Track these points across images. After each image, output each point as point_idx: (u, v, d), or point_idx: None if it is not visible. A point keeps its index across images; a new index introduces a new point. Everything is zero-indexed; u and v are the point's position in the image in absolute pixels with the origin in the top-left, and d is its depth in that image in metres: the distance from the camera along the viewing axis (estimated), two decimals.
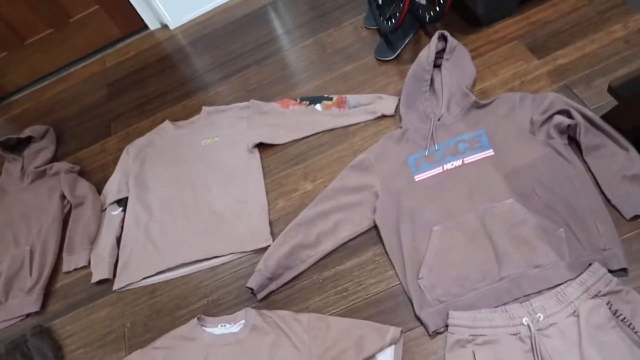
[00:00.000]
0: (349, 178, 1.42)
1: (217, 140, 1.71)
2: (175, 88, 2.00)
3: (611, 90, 1.24)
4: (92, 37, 2.31)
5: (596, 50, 1.45)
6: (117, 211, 1.65)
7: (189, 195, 1.60)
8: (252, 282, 1.30)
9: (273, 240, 1.40)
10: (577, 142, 1.28)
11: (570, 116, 1.29)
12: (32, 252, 1.61)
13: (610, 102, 1.29)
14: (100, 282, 1.51)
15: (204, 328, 1.29)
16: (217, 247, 1.45)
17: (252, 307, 1.29)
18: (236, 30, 2.12)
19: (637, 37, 1.43)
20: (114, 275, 1.52)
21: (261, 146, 1.64)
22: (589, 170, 1.24)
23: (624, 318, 1.01)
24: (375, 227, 1.34)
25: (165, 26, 2.34)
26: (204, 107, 1.80)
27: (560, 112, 1.31)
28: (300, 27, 1.99)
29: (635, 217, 1.15)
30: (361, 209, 1.37)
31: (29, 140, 1.97)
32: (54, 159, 1.94)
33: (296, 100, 1.70)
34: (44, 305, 1.53)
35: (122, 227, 1.61)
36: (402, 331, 1.15)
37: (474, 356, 1.06)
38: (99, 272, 1.51)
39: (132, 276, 1.48)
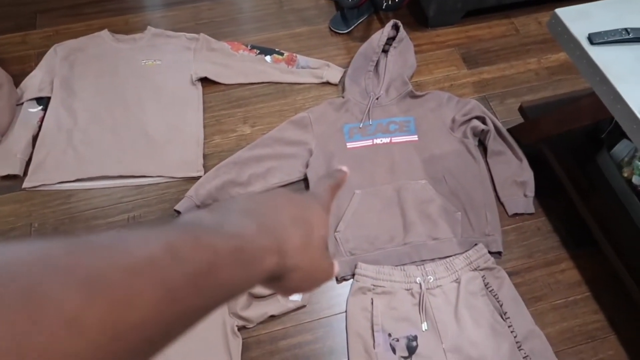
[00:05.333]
0: (288, 131, 1.52)
1: (158, 63, 1.69)
2: None
3: (521, 109, 1.49)
4: None
5: (513, 74, 1.71)
6: (36, 109, 1.56)
7: (120, 110, 1.57)
8: (181, 206, 1.35)
9: (204, 173, 1.45)
10: (484, 146, 1.52)
11: (484, 123, 1.52)
12: None
13: (516, 119, 1.55)
14: (7, 177, 1.43)
15: None
16: (146, 167, 1.46)
17: None
18: None
19: (545, 72, 1.72)
20: (25, 174, 1.45)
21: (204, 81, 1.66)
22: (489, 170, 1.48)
23: (492, 289, 1.26)
24: (303, 180, 1.46)
25: None
26: (149, 27, 1.76)
27: (477, 118, 1.54)
28: None
29: (515, 214, 1.41)
30: (294, 162, 1.48)
31: None
32: None
33: (247, 46, 1.74)
34: None
35: (39, 127, 1.53)
36: None
37: (372, 302, 1.24)
38: (8, 166, 1.43)
39: (46, 178, 1.43)
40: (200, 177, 1.43)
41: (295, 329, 1.23)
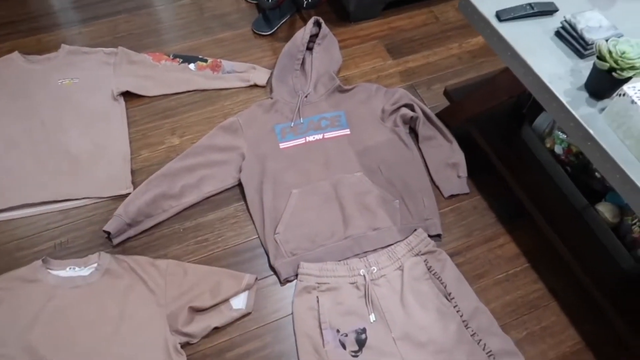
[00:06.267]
0: (218, 138, 1.48)
1: (76, 82, 1.61)
2: (28, 19, 1.81)
3: (446, 93, 1.52)
4: None
5: (437, 60, 1.75)
6: None
7: (38, 133, 1.48)
8: (110, 226, 1.28)
9: (134, 189, 1.39)
10: (415, 132, 1.53)
11: (413, 110, 1.54)
12: None
13: (443, 104, 1.58)
14: None
15: (49, 270, 1.23)
16: (71, 190, 1.39)
17: (107, 252, 1.27)
18: None
19: (467, 56, 1.76)
20: None
21: (127, 95, 1.60)
22: (422, 155, 1.50)
23: (435, 272, 1.27)
24: (238, 185, 1.43)
25: None
26: (63, 45, 1.68)
27: (406, 106, 1.55)
28: None
29: (451, 196, 1.43)
30: (227, 167, 1.44)
31: None
32: None
33: (169, 56, 1.69)
34: None
35: None
36: (256, 278, 1.26)
37: (318, 300, 1.22)
38: None
39: None
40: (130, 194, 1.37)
41: (242, 337, 1.19)
